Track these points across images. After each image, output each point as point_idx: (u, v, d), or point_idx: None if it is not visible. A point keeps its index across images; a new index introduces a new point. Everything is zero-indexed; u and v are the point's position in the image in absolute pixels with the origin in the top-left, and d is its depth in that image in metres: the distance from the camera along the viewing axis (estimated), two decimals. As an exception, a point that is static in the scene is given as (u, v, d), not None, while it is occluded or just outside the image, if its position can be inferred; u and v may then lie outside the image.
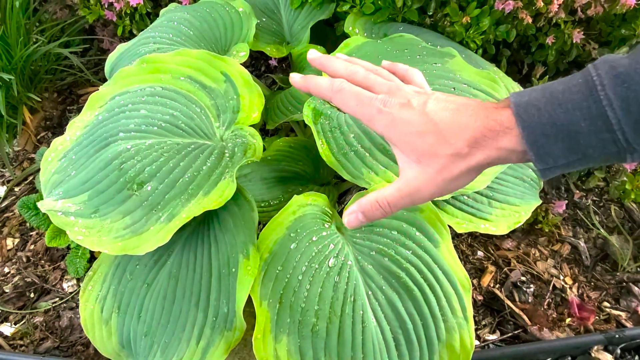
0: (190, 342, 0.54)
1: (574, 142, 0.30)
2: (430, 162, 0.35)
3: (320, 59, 0.43)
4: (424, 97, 0.36)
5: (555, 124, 0.30)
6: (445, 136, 0.34)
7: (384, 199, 0.37)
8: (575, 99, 0.29)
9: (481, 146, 0.33)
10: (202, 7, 0.84)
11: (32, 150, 1.06)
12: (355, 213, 0.39)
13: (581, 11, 0.77)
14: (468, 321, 0.55)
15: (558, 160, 0.31)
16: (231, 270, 0.54)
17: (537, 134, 0.31)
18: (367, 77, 0.40)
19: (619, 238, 0.83)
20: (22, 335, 0.76)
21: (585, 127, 0.29)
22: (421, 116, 0.35)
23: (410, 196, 0.37)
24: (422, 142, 0.35)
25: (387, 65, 0.45)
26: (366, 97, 0.38)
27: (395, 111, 0.36)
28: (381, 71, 0.42)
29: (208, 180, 0.56)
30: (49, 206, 0.58)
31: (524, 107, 0.31)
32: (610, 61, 0.29)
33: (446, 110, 0.35)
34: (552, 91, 0.31)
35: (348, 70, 0.41)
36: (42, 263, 0.86)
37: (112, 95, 0.66)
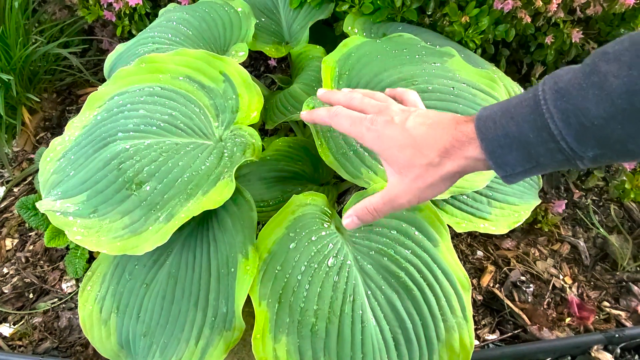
0: (189, 342, 0.54)
1: (526, 152, 0.33)
2: (407, 172, 0.40)
3: (325, 94, 0.52)
4: (406, 114, 0.42)
5: (508, 136, 0.34)
6: (421, 149, 0.39)
7: (371, 205, 0.44)
8: (524, 113, 0.33)
9: (451, 155, 0.38)
10: (201, 7, 0.84)
11: (32, 150, 1.06)
12: (351, 217, 0.45)
13: (580, 10, 0.77)
14: (467, 321, 0.55)
15: (515, 168, 0.35)
16: (230, 270, 0.54)
17: (494, 145, 0.35)
18: (362, 102, 0.46)
19: (618, 237, 0.83)
20: (21, 335, 0.76)
21: (533, 138, 0.33)
22: (402, 132, 0.40)
23: (391, 202, 0.42)
24: (402, 154, 0.40)
25: (388, 91, 0.52)
26: (357, 118, 0.44)
27: (381, 128, 0.42)
28: (377, 95, 0.48)
29: (207, 180, 0.56)
30: (47, 206, 0.58)
31: (483, 120, 0.35)
32: (556, 76, 0.32)
33: (423, 126, 0.40)
34: (508, 105, 0.34)
35: (346, 97, 0.48)
36: (41, 263, 0.86)
37: (111, 95, 0.66)
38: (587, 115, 0.30)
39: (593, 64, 0.30)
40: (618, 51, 0.29)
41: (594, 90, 0.30)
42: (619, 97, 0.29)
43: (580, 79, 0.31)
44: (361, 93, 0.49)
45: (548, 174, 0.92)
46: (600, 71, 0.30)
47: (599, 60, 0.30)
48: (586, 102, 0.30)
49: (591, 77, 0.30)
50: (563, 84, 0.31)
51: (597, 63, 0.30)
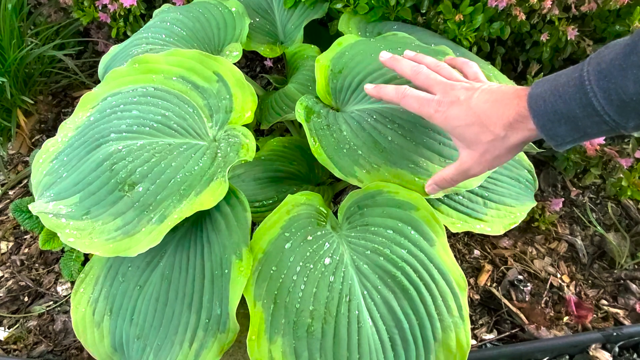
0: (183, 345, 0.53)
1: (574, 124, 0.37)
2: (476, 147, 0.45)
3: (391, 61, 0.54)
4: (470, 93, 0.45)
5: (556, 112, 0.38)
6: (486, 125, 0.43)
7: (448, 175, 0.50)
8: (571, 92, 0.37)
9: (515, 129, 0.41)
10: (195, 7, 0.83)
11: (27, 153, 1.05)
12: (431, 185, 0.53)
13: (575, 7, 0.77)
14: (464, 320, 0.55)
15: (565, 139, 0.39)
16: (224, 271, 0.53)
17: (545, 120, 0.39)
18: (428, 77, 0.49)
19: (616, 235, 0.83)
20: (16, 339, 0.76)
21: (580, 113, 0.37)
22: (467, 110, 0.44)
23: (464, 173, 0.48)
24: (469, 132, 0.44)
25: (448, 59, 0.56)
26: (425, 100, 0.48)
27: (447, 109, 0.46)
28: (442, 67, 0.51)
29: (200, 181, 0.56)
30: (40, 208, 0.57)
31: (534, 98, 0.39)
32: (599, 56, 0.36)
33: (487, 103, 0.43)
34: (556, 84, 0.38)
35: (413, 70, 0.51)
36: (36, 266, 0.85)
37: (104, 96, 0.66)
38: (627, 92, 0.34)
39: (633, 44, 0.33)
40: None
41: (633, 70, 0.33)
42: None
43: (621, 59, 0.34)
44: (426, 63, 0.52)
45: (545, 173, 0.91)
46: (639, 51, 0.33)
47: (639, 40, 0.33)
48: (626, 80, 0.33)
49: (631, 57, 0.33)
50: (605, 65, 0.35)
51: (637, 43, 0.33)
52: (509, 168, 0.75)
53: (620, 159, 0.79)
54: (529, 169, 0.77)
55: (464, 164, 0.47)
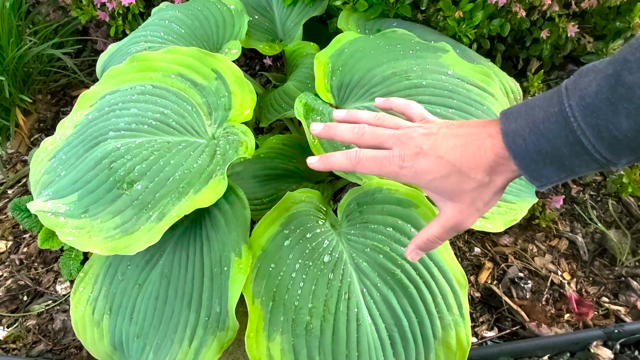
0: (182, 343, 0.53)
1: (560, 164, 0.34)
2: (461, 198, 0.39)
3: (325, 130, 0.46)
4: (433, 139, 0.40)
5: (540, 152, 0.34)
6: (465, 173, 0.38)
7: (433, 236, 0.42)
8: (554, 129, 0.33)
9: (498, 172, 0.37)
10: (193, 4, 0.83)
11: (26, 152, 1.05)
12: (414, 251, 0.44)
13: (575, 4, 0.76)
14: (464, 318, 0.54)
15: (551, 179, 0.35)
16: (223, 269, 0.53)
17: (528, 161, 0.35)
18: (375, 135, 0.43)
19: (617, 232, 0.83)
20: (15, 338, 0.76)
21: (567, 152, 0.33)
22: (437, 161, 0.39)
23: (454, 228, 0.41)
24: (448, 183, 0.39)
25: (382, 102, 0.49)
26: (383, 158, 0.41)
27: (414, 163, 0.40)
28: (384, 118, 0.45)
29: (199, 178, 0.55)
30: (38, 207, 0.57)
31: (512, 137, 0.35)
32: (580, 89, 0.32)
33: (456, 148, 0.38)
34: (534, 120, 0.34)
35: (355, 133, 0.44)
36: (35, 265, 0.85)
37: (103, 94, 0.66)
38: (620, 129, 0.30)
39: (616, 74, 0.30)
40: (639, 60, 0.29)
41: (623, 104, 0.30)
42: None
43: (607, 92, 0.31)
44: (365, 121, 0.45)
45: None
46: (626, 83, 0.30)
47: (622, 70, 0.30)
48: (617, 116, 0.30)
49: (617, 89, 0.30)
50: (590, 99, 0.31)
51: (620, 73, 0.30)
52: (509, 165, 0.74)
53: (621, 155, 0.78)
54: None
55: (452, 219, 0.40)
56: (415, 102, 0.47)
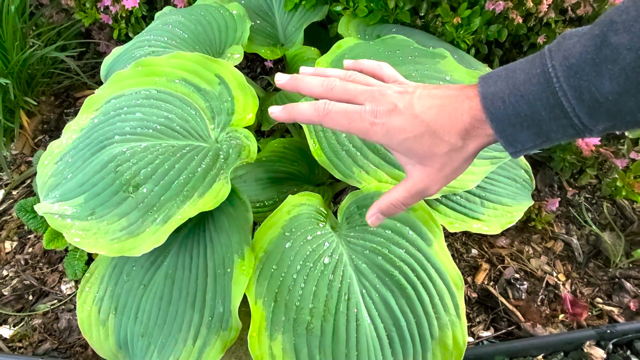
0: (186, 342, 0.55)
1: (537, 128, 0.33)
2: (431, 162, 0.38)
3: (291, 81, 0.43)
4: (408, 97, 0.37)
5: (519, 115, 0.33)
6: (439, 134, 0.36)
7: (397, 200, 0.41)
8: (535, 91, 0.32)
9: (472, 136, 0.36)
10: (196, 10, 0.84)
11: (30, 153, 1.06)
12: (375, 215, 0.42)
13: (571, 11, 0.78)
14: (460, 319, 0.56)
15: (526, 144, 0.34)
16: (226, 270, 0.55)
17: (505, 124, 0.34)
18: (346, 89, 0.40)
19: (611, 234, 0.84)
20: (21, 337, 0.77)
21: (545, 115, 0.32)
22: (412, 120, 0.37)
23: (420, 194, 0.40)
24: (420, 144, 0.37)
25: (351, 64, 0.46)
26: (355, 112, 0.38)
27: (387, 120, 0.37)
28: (354, 76, 0.42)
29: (203, 182, 0.57)
30: (45, 209, 0.59)
31: (490, 99, 0.34)
32: (564, 49, 0.31)
33: (432, 108, 0.36)
34: (514, 82, 0.33)
35: (324, 86, 0.41)
36: (41, 266, 0.87)
37: (108, 98, 0.67)
38: (601, 91, 0.30)
39: (603, 35, 0.29)
40: (627, 21, 0.29)
41: (607, 65, 0.29)
42: (633, 71, 0.28)
43: (592, 52, 0.30)
44: (336, 76, 0.42)
45: (542, 173, 0.93)
46: (611, 43, 0.29)
47: (608, 31, 0.29)
48: (600, 77, 0.29)
49: (603, 50, 0.29)
50: (574, 60, 0.30)
51: (606, 34, 0.29)
52: (506, 168, 0.76)
53: (616, 159, 0.80)
54: (526, 169, 0.78)
55: (419, 184, 0.39)
56: (387, 64, 0.44)
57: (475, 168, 0.63)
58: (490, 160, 0.65)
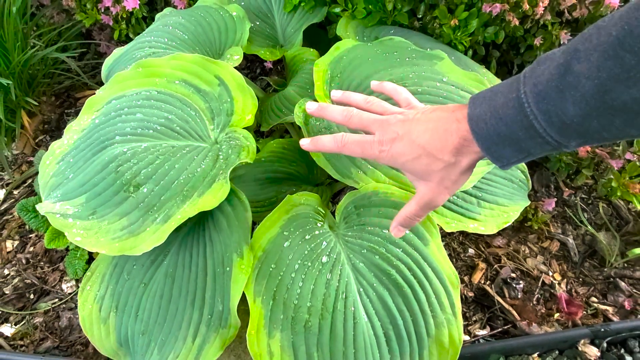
0: (186, 340, 0.56)
1: (517, 146, 0.37)
2: (431, 177, 0.44)
3: (319, 110, 0.51)
4: (408, 125, 0.44)
5: (499, 135, 0.37)
6: (434, 154, 0.42)
7: (411, 213, 0.48)
8: (511, 114, 0.36)
9: (463, 153, 0.41)
10: (196, 11, 0.85)
11: (31, 153, 1.07)
12: (396, 227, 0.50)
13: (568, 13, 0.79)
14: (457, 317, 0.57)
15: (511, 159, 0.39)
16: (225, 269, 0.56)
17: (489, 143, 0.38)
18: (361, 119, 0.48)
19: (606, 235, 0.85)
20: (22, 335, 0.78)
21: (522, 135, 0.36)
22: (410, 144, 0.43)
23: (428, 205, 0.46)
24: (419, 164, 0.43)
25: (376, 86, 0.54)
26: (366, 143, 0.46)
27: (391, 147, 0.44)
28: (372, 102, 0.50)
29: (202, 182, 0.58)
30: (47, 208, 0.59)
31: (475, 121, 0.39)
32: (534, 76, 0.35)
33: (427, 132, 0.42)
34: (495, 105, 0.37)
35: (343, 115, 0.49)
36: (42, 265, 0.87)
37: (109, 99, 0.68)
38: (567, 114, 0.33)
39: (567, 64, 0.32)
40: (587, 50, 0.31)
41: (570, 92, 0.32)
42: (592, 98, 0.31)
43: (557, 80, 0.33)
44: (356, 103, 0.50)
45: (538, 173, 0.94)
46: (574, 71, 0.32)
47: (572, 59, 0.32)
48: (564, 102, 0.33)
49: (566, 77, 0.32)
50: (542, 87, 0.34)
51: (570, 62, 0.32)
52: (502, 169, 0.77)
53: (611, 160, 0.81)
54: (523, 169, 0.79)
55: (425, 197, 0.45)
56: (404, 88, 0.51)
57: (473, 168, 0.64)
58: (487, 161, 0.66)
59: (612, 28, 0.30)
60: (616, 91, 0.30)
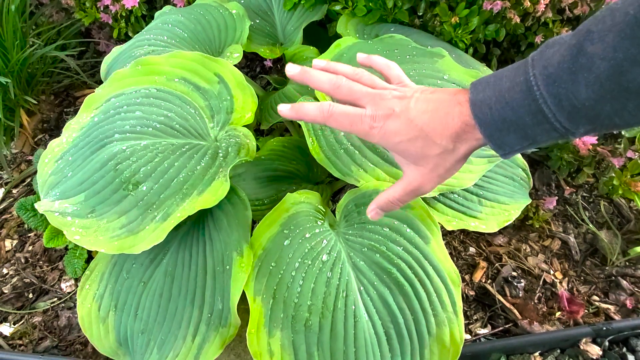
0: (186, 339, 0.55)
1: (523, 132, 0.35)
2: (424, 162, 0.40)
3: (301, 73, 0.45)
4: (405, 102, 0.40)
5: (505, 120, 0.35)
6: (431, 138, 0.39)
7: (394, 197, 0.44)
8: (518, 98, 0.34)
9: (463, 139, 0.38)
10: (196, 9, 0.85)
11: (30, 152, 1.07)
12: (374, 210, 0.46)
13: (569, 10, 0.78)
14: (458, 316, 0.56)
15: (514, 147, 0.37)
16: (225, 267, 0.55)
17: (492, 129, 0.36)
18: (351, 90, 0.43)
19: (608, 233, 0.85)
20: (21, 334, 0.77)
21: (529, 120, 0.34)
22: (407, 124, 0.39)
23: (414, 192, 0.43)
24: (414, 147, 0.40)
25: (364, 59, 0.49)
26: (356, 115, 0.41)
27: (384, 124, 0.40)
28: (362, 74, 0.45)
29: (202, 180, 0.57)
30: (46, 207, 0.59)
31: (479, 105, 0.36)
32: (544, 59, 0.33)
33: (426, 113, 0.39)
34: (500, 89, 0.35)
35: (331, 82, 0.43)
36: (41, 264, 0.87)
37: (108, 97, 0.67)
38: (579, 98, 0.31)
39: (579, 45, 0.31)
40: (602, 31, 0.30)
41: (583, 74, 0.31)
42: (607, 79, 0.30)
43: (569, 61, 0.31)
44: (343, 73, 0.45)
45: (539, 171, 0.93)
46: (587, 52, 0.30)
47: (585, 40, 0.31)
48: (577, 85, 0.31)
49: (579, 59, 0.31)
50: (553, 69, 0.32)
51: (583, 43, 0.31)
52: (503, 167, 0.76)
53: (613, 158, 0.80)
54: (524, 167, 0.78)
55: (413, 182, 0.42)
56: (396, 64, 0.47)
57: (473, 166, 0.64)
58: (488, 159, 0.65)
59: (629, 7, 0.29)
60: (633, 73, 0.29)
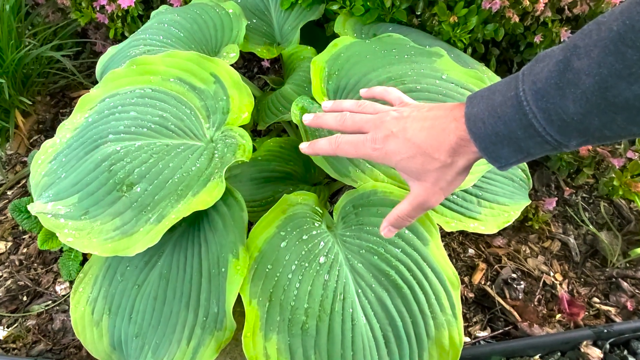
0: (181, 343, 0.54)
1: (516, 145, 0.36)
2: (425, 177, 0.42)
3: (315, 121, 0.52)
4: (402, 123, 0.43)
5: (498, 134, 0.36)
6: (430, 154, 0.41)
7: (403, 213, 0.46)
8: (510, 113, 0.35)
9: (460, 153, 0.40)
10: (192, 9, 0.84)
11: (25, 153, 1.06)
12: (387, 227, 0.48)
13: (568, 10, 0.78)
14: (457, 318, 0.56)
15: (509, 160, 0.37)
16: (221, 270, 0.54)
17: (487, 143, 0.37)
18: (354, 122, 0.47)
19: (608, 234, 0.84)
20: (15, 338, 0.76)
21: (521, 134, 0.35)
22: (405, 143, 0.42)
23: (421, 206, 0.45)
24: (414, 164, 0.42)
25: (365, 92, 0.55)
26: (359, 142, 0.45)
27: (384, 145, 0.43)
28: (364, 105, 0.49)
29: (197, 181, 0.56)
30: (39, 209, 0.58)
31: (473, 120, 0.37)
32: (533, 74, 0.34)
33: (423, 131, 0.41)
34: (493, 104, 0.36)
35: (337, 120, 0.49)
36: (35, 266, 0.86)
37: (102, 97, 0.67)
38: (567, 112, 0.32)
39: (566, 60, 0.31)
40: (587, 46, 0.30)
41: (570, 89, 0.31)
42: (593, 95, 0.30)
43: (556, 77, 0.32)
44: (348, 109, 0.50)
45: (539, 172, 0.93)
46: (574, 68, 0.31)
47: (571, 55, 0.31)
48: (564, 100, 0.32)
49: (566, 74, 0.31)
50: (541, 84, 0.33)
51: (570, 59, 0.31)
52: (502, 168, 0.76)
53: (613, 158, 0.80)
54: (523, 168, 0.78)
55: (419, 197, 0.44)
56: (393, 88, 0.51)
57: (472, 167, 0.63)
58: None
59: (613, 23, 0.29)
60: (618, 88, 0.29)
